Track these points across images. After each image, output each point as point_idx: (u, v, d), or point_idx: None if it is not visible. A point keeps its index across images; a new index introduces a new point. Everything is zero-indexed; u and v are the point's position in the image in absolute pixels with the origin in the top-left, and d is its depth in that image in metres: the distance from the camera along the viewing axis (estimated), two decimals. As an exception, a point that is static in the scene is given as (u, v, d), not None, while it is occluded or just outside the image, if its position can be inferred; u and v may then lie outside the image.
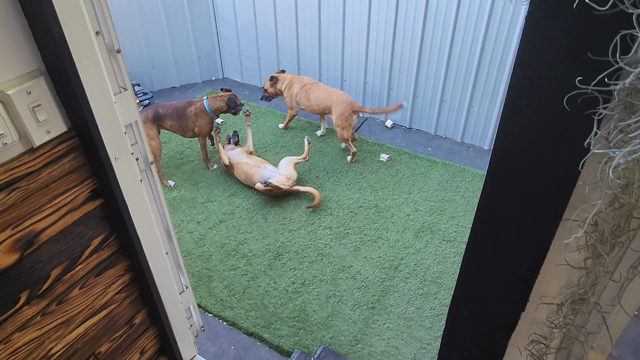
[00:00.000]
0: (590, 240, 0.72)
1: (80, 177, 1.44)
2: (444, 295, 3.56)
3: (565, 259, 0.78)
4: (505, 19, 4.27)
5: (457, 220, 4.16)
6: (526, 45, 0.65)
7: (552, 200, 0.74)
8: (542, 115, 0.68)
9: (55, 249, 1.44)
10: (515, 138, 0.72)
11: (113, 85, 1.42)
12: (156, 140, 4.50)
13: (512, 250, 0.83)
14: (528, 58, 0.65)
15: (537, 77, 0.66)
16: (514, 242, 0.82)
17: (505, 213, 0.80)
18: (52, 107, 1.28)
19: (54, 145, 1.33)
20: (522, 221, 0.79)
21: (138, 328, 1.88)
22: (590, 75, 0.61)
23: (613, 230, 0.68)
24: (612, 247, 0.70)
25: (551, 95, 0.66)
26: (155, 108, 4.54)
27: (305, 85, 4.94)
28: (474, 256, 0.90)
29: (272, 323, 3.37)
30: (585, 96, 0.62)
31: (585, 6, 0.55)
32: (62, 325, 1.55)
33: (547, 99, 0.67)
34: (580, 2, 0.55)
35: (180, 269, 1.99)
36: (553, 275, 0.81)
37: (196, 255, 3.88)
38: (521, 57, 0.67)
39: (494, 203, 0.81)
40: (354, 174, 4.68)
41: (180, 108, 4.58)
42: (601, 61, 0.60)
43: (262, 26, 5.66)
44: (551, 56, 0.64)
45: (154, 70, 5.87)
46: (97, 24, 1.33)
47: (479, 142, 5.09)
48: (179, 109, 4.58)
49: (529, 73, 0.67)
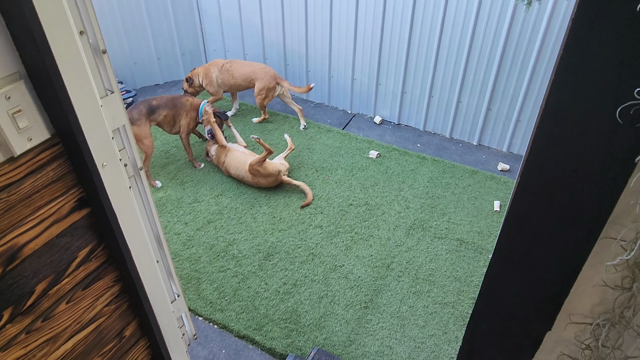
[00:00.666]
0: (631, 260, 0.67)
1: (65, 186, 1.35)
2: (437, 293, 3.54)
3: (603, 278, 0.73)
4: (493, 13, 4.24)
5: (448, 217, 4.14)
6: (572, 48, 0.60)
7: (590, 216, 0.69)
8: (584, 124, 0.63)
9: (39, 262, 1.35)
10: (551, 147, 0.67)
11: (99, 88, 1.33)
12: (150, 138, 4.39)
13: (541, 267, 0.78)
14: (574, 63, 0.60)
15: (581, 83, 0.61)
16: (545, 258, 0.77)
17: (536, 227, 0.75)
18: (33, 113, 1.20)
19: (37, 154, 1.24)
20: (555, 237, 0.75)
21: (129, 340, 1.80)
22: (643, 85, 0.57)
23: (659, 251, 0.63)
24: (655, 268, 0.66)
25: (597, 103, 0.61)
26: (148, 102, 4.42)
27: (224, 66, 5.09)
28: (500, 270, 0.85)
29: (263, 325, 3.31)
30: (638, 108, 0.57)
31: (643, 9, 0.50)
32: (49, 342, 1.47)
33: (592, 107, 0.62)
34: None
35: (172, 276, 1.91)
36: (585, 293, 0.77)
37: (184, 257, 3.79)
38: (566, 61, 0.61)
39: (525, 215, 0.76)
40: (344, 172, 4.63)
41: (176, 98, 4.56)
42: (658, 70, 0.55)
43: (247, 22, 5.55)
44: (600, 60, 0.59)
45: (136, 67, 5.72)
46: (82, 24, 1.24)
47: (468, 138, 5.07)
48: (174, 99, 4.54)
49: (574, 79, 0.61)
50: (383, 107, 5.37)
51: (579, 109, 0.63)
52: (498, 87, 4.60)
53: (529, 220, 0.76)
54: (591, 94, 0.62)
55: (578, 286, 0.77)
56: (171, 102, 4.51)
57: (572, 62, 0.61)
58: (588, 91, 0.62)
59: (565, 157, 0.67)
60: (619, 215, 0.68)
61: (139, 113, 4.34)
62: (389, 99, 5.27)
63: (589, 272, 0.75)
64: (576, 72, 0.61)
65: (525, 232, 0.77)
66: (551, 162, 0.69)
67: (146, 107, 4.39)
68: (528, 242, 0.78)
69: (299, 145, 4.96)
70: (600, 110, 0.61)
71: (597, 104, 0.61)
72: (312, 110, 5.62)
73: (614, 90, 0.59)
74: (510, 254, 0.81)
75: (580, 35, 0.58)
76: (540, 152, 0.69)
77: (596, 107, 0.62)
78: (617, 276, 0.72)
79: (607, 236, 0.71)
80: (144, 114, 4.36)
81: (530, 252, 0.79)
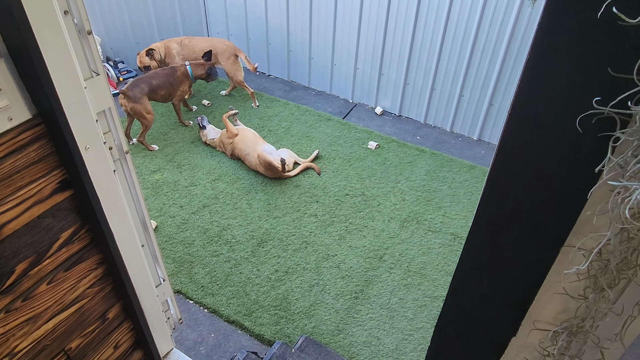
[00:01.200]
0: (592, 270, 0.66)
1: (47, 167, 1.34)
2: (427, 286, 3.54)
3: (564, 286, 0.72)
4: (499, 9, 4.18)
5: (444, 211, 4.13)
6: (537, 53, 0.58)
7: (554, 225, 0.68)
8: (549, 132, 0.62)
9: (19, 242, 1.35)
10: (517, 154, 0.66)
11: (83, 70, 1.32)
12: (152, 113, 4.61)
13: (507, 273, 0.77)
14: (538, 68, 0.58)
15: (546, 90, 0.59)
16: (510, 265, 0.76)
17: (502, 234, 0.74)
18: (14, 92, 1.18)
19: (17, 134, 1.23)
20: (520, 244, 0.73)
21: (111, 322, 1.81)
22: (608, 94, 0.55)
23: (619, 263, 0.62)
24: (616, 280, 0.65)
25: (562, 112, 0.59)
26: (148, 81, 4.59)
27: (182, 41, 5.17)
28: (466, 273, 0.84)
29: (253, 311, 3.33)
30: (601, 117, 0.56)
31: (611, 16, 0.48)
32: (29, 321, 1.47)
33: (556, 115, 0.60)
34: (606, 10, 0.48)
35: (157, 261, 1.91)
36: (549, 300, 0.76)
37: (178, 241, 3.80)
38: (531, 65, 0.60)
39: (491, 221, 0.75)
40: (341, 161, 4.61)
41: (170, 74, 4.72)
42: (623, 79, 0.53)
43: (251, 5, 5.49)
44: (565, 68, 0.57)
45: (138, 47, 5.67)
46: (66, 3, 1.22)
47: (468, 132, 5.04)
48: (169, 76, 4.71)
49: (539, 85, 0.60)
50: (384, 98, 5.33)
51: (544, 117, 0.62)
52: (501, 82, 4.55)
53: (495, 226, 0.75)
54: (556, 102, 0.60)
55: (542, 293, 0.76)
56: (167, 80, 4.70)
57: (539, 68, 0.59)
58: (553, 99, 0.60)
59: (530, 165, 0.66)
60: (583, 225, 0.67)
61: (141, 92, 4.50)
62: (391, 90, 5.23)
63: (553, 279, 0.74)
64: (542, 79, 0.59)
65: (492, 238, 0.76)
66: (517, 168, 0.67)
67: (147, 86, 4.55)
68: (494, 247, 0.77)
69: (298, 133, 4.94)
70: (565, 119, 0.60)
71: (562, 112, 0.60)
72: (313, 98, 5.58)
73: (579, 100, 0.58)
74: (477, 258, 0.80)
75: (547, 42, 0.56)
76: (506, 158, 0.67)
77: (561, 115, 0.60)
78: (580, 285, 0.71)
79: (570, 245, 0.69)
80: (145, 93, 4.52)
81: (496, 257, 0.78)
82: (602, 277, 0.65)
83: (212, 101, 5.42)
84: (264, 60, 5.85)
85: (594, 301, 0.67)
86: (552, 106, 0.60)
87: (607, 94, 0.56)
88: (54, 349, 1.60)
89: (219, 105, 5.36)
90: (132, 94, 4.41)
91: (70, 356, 1.67)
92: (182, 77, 4.79)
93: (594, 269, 0.66)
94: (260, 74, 5.96)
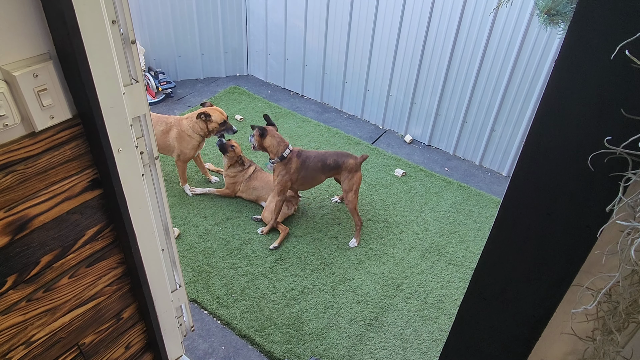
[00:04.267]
0: (601, 311, 0.65)
1: (80, 166, 1.40)
2: (444, 320, 3.47)
3: (572, 327, 0.71)
4: (538, 46, 4.16)
5: (467, 245, 4.06)
6: (552, 90, 0.59)
7: (563, 262, 0.67)
8: (561, 170, 0.62)
9: (47, 235, 1.41)
10: (529, 188, 0.66)
11: (124, 76, 1.38)
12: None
13: (514, 307, 0.76)
14: (553, 105, 0.59)
15: (560, 127, 0.60)
16: (517, 299, 0.75)
17: (511, 266, 0.74)
18: (58, 93, 1.25)
19: (57, 132, 1.30)
20: (529, 278, 0.73)
21: (126, 322, 1.84)
22: (620, 134, 0.55)
23: (628, 306, 0.61)
24: (625, 323, 0.63)
25: (574, 149, 0.59)
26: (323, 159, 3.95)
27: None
28: (474, 304, 0.83)
29: (265, 327, 3.32)
30: (613, 157, 0.56)
31: (624, 58, 0.49)
32: (48, 312, 1.52)
33: (569, 152, 0.60)
34: (619, 53, 0.49)
35: (175, 266, 1.95)
36: (556, 340, 0.74)
37: (198, 250, 3.85)
38: (545, 102, 0.60)
39: (500, 253, 0.74)
40: (367, 186, 4.61)
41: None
42: (636, 121, 0.53)
43: (291, 27, 5.63)
44: (579, 107, 0.57)
45: (180, 59, 5.88)
46: (114, 13, 1.29)
47: (498, 168, 4.97)
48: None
49: (552, 122, 0.60)
50: (415, 127, 5.33)
51: (557, 153, 0.62)
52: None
53: (504, 259, 0.74)
54: (569, 139, 0.60)
55: (550, 332, 0.75)
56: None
57: (553, 105, 0.59)
58: (566, 136, 0.60)
59: (541, 200, 0.65)
60: (592, 264, 0.66)
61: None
62: (422, 119, 5.23)
63: (561, 319, 0.73)
64: (556, 116, 0.59)
65: (500, 270, 0.75)
66: (528, 202, 0.67)
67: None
68: (502, 280, 0.76)
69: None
70: (577, 157, 0.60)
71: (575, 149, 0.60)
72: (344, 121, 5.63)
73: (591, 138, 0.58)
74: (485, 289, 0.80)
75: (562, 81, 0.57)
76: (518, 191, 0.67)
77: (574, 152, 0.60)
78: (589, 326, 0.69)
79: (579, 284, 0.68)
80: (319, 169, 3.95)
81: (503, 290, 0.77)
82: (611, 319, 0.63)
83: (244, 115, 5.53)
84: (299, 80, 5.96)
85: (601, 344, 0.66)
86: (565, 143, 0.60)
87: (619, 134, 0.56)
88: (68, 342, 1.64)
89: (252, 121, 5.47)
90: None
91: (83, 351, 1.71)
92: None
93: (602, 310, 0.65)
94: (294, 94, 6.06)
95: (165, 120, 4.16)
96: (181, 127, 4.11)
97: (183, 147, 4.14)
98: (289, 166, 3.85)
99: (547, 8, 2.15)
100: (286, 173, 3.85)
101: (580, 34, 0.52)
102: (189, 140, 4.12)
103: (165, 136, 4.14)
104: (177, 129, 4.12)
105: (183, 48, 5.83)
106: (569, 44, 0.54)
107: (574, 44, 0.54)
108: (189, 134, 4.10)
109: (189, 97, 5.77)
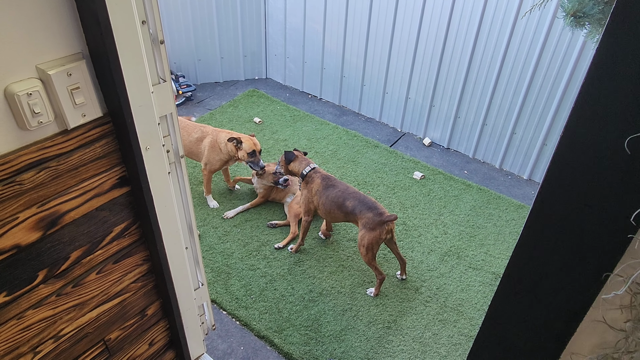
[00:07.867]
0: (635, 301, 0.64)
1: (110, 163, 1.43)
2: (463, 324, 3.43)
3: (604, 316, 0.70)
4: (560, 49, 4.11)
5: (486, 249, 4.02)
6: (592, 77, 0.58)
7: (601, 253, 0.66)
8: (603, 158, 0.61)
9: (77, 231, 1.44)
10: (566, 179, 0.65)
11: (152, 76, 1.41)
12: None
13: (548, 301, 0.76)
14: (592, 92, 0.59)
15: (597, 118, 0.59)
16: (552, 293, 0.75)
17: (547, 259, 0.73)
18: (90, 91, 1.29)
19: (88, 129, 1.33)
20: (564, 272, 0.72)
21: (150, 319, 1.87)
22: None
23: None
24: (662, 315, 0.62)
25: (613, 136, 0.59)
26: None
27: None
28: (506, 298, 0.82)
29: (284, 329, 3.33)
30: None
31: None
32: (76, 307, 1.55)
33: (610, 142, 0.60)
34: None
35: (199, 265, 1.97)
36: (587, 331, 0.73)
37: (218, 251, 3.88)
38: (585, 90, 0.60)
39: (535, 245, 0.74)
40: (385, 189, 4.60)
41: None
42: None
43: (310, 30, 5.66)
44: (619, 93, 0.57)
45: (200, 63, 5.96)
46: (144, 14, 1.32)
47: (518, 171, 4.91)
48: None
49: (591, 109, 0.60)
50: (434, 129, 5.31)
51: (595, 143, 0.61)
52: (557, 122, 4.44)
53: (539, 251, 0.74)
54: (608, 127, 0.60)
55: (583, 325, 0.74)
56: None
57: (592, 93, 0.59)
58: (605, 124, 0.60)
59: (579, 191, 0.65)
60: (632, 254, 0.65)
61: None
62: (441, 122, 5.20)
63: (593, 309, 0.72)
64: (595, 104, 0.59)
65: (534, 263, 0.75)
66: (565, 194, 0.66)
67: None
68: (536, 273, 0.75)
69: (344, 157, 4.98)
70: (616, 145, 0.59)
71: (614, 137, 0.59)
72: (362, 124, 5.63)
73: (632, 125, 0.57)
74: (518, 283, 0.79)
75: (602, 67, 0.56)
76: (555, 183, 0.67)
77: (613, 141, 0.60)
78: (621, 317, 0.68)
79: (618, 274, 0.67)
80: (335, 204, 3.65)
81: (537, 284, 0.76)
82: (648, 312, 0.62)
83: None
84: (317, 83, 5.98)
85: (631, 331, 0.65)
86: (604, 132, 0.60)
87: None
88: (95, 338, 1.67)
89: (270, 123, 5.51)
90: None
91: (108, 346, 1.74)
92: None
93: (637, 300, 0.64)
94: (312, 97, 6.09)
95: (202, 129, 4.24)
96: (217, 138, 4.16)
97: (212, 157, 4.18)
98: (310, 186, 3.78)
99: (574, 10, 2.12)
100: (308, 192, 3.78)
101: (624, 19, 0.51)
102: (219, 153, 4.16)
103: (198, 144, 4.22)
104: (212, 139, 4.17)
105: (203, 52, 5.90)
106: (610, 30, 0.54)
107: (614, 32, 0.53)
108: (221, 147, 4.15)
109: (208, 100, 5.84)
